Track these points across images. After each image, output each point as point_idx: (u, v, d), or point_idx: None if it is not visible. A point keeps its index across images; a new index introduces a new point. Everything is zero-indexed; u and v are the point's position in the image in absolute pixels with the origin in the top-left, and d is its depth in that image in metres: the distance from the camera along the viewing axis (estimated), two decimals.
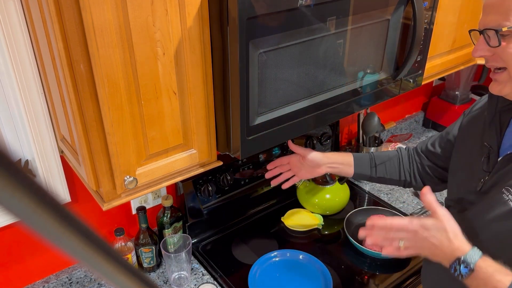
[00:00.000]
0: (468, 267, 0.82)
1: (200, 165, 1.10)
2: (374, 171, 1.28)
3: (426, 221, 0.88)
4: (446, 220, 0.87)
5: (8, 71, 1.03)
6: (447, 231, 0.86)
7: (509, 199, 0.87)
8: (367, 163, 1.28)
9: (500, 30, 0.81)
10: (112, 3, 0.79)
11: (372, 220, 0.97)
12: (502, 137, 0.93)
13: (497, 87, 0.87)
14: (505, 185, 0.88)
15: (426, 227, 0.88)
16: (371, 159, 1.29)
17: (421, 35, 1.21)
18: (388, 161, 1.28)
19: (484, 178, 0.94)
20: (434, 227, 0.87)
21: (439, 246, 0.86)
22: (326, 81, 1.11)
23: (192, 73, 0.95)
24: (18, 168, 0.23)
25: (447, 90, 2.23)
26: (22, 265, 1.29)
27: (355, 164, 1.28)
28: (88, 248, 0.29)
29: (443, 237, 0.86)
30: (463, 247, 0.84)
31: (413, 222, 0.89)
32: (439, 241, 0.86)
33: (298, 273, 1.39)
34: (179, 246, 1.38)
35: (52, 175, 1.20)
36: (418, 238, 0.89)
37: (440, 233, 0.86)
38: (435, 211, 0.88)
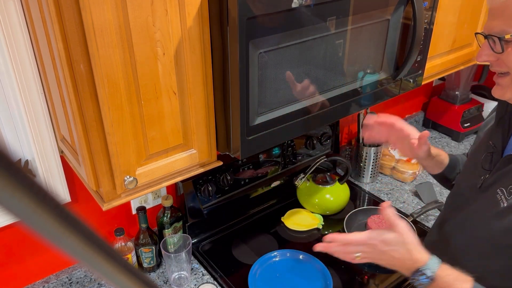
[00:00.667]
0: (429, 277, 0.85)
1: (200, 165, 1.09)
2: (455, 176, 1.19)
3: (386, 236, 0.90)
4: (406, 233, 0.89)
5: (8, 71, 1.03)
6: (406, 243, 0.88)
7: (501, 200, 0.88)
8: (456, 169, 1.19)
9: (503, 37, 0.80)
10: (112, 3, 0.79)
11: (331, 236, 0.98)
12: (509, 137, 0.93)
13: (499, 91, 0.87)
14: (501, 186, 0.89)
15: (386, 242, 0.90)
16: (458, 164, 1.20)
17: (421, 35, 1.21)
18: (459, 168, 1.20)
19: (485, 176, 0.94)
20: (395, 241, 0.89)
21: (400, 258, 0.89)
22: (326, 81, 1.11)
23: (192, 73, 0.95)
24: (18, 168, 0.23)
25: (447, 90, 2.23)
26: (22, 265, 1.29)
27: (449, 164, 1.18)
28: (88, 248, 0.29)
29: (403, 250, 0.88)
30: (422, 258, 0.87)
31: (372, 237, 0.91)
32: (400, 254, 0.88)
33: (298, 273, 1.39)
34: (179, 246, 1.38)
35: (52, 175, 1.20)
36: (376, 252, 0.91)
37: (400, 246, 0.89)
38: (395, 225, 0.90)
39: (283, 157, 1.67)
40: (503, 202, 0.87)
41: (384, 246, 0.90)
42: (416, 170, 1.88)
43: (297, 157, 1.72)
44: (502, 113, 0.96)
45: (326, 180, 1.67)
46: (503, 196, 0.87)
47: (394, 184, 1.88)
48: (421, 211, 1.62)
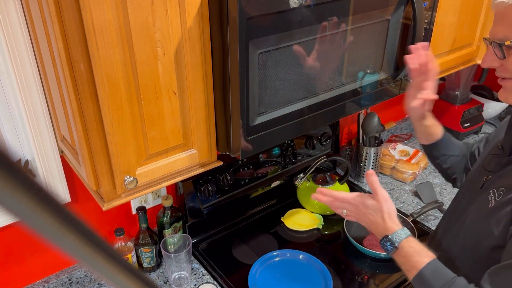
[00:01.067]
0: (393, 245, 0.93)
1: (200, 165, 1.09)
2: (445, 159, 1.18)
3: (367, 200, 1.00)
4: (384, 202, 0.97)
5: (8, 71, 1.03)
6: (382, 212, 0.97)
7: (490, 200, 0.88)
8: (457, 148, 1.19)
9: (503, 44, 0.80)
10: (112, 3, 0.79)
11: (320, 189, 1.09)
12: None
13: (504, 95, 0.87)
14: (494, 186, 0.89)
15: (365, 205, 1.00)
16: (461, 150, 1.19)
17: (421, 35, 1.21)
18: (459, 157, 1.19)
19: (487, 177, 0.94)
20: (372, 207, 0.98)
21: (374, 223, 0.98)
22: (326, 81, 1.11)
23: (192, 73, 0.95)
24: (18, 168, 0.23)
25: (447, 90, 2.23)
26: (22, 265, 1.29)
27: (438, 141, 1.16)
28: (88, 248, 0.29)
29: (378, 216, 0.97)
30: (392, 227, 0.95)
31: (356, 198, 1.02)
32: (375, 219, 0.98)
33: (298, 273, 1.39)
34: (179, 246, 1.38)
35: (52, 175, 1.20)
36: (358, 211, 1.01)
37: (376, 212, 0.98)
38: (376, 192, 0.98)
39: (283, 157, 1.67)
40: (492, 203, 0.87)
41: (364, 208, 1.00)
42: (416, 170, 1.88)
43: (297, 157, 1.72)
44: None
45: (326, 180, 1.67)
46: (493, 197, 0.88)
47: (394, 184, 1.88)
48: (421, 211, 1.62)
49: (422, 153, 1.97)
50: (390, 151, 1.96)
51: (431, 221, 1.64)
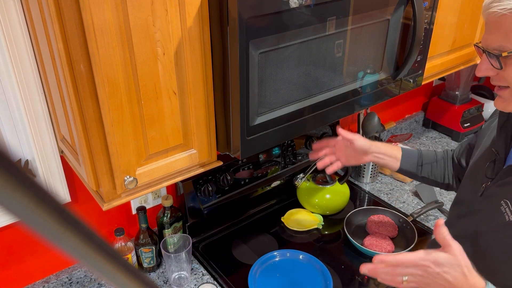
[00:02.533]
0: None
1: (200, 165, 1.09)
2: (420, 170, 1.24)
3: (439, 256, 0.81)
4: (460, 255, 0.81)
5: (8, 71, 1.03)
6: (462, 266, 0.80)
7: (506, 212, 0.86)
8: (414, 160, 1.24)
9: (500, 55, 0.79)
10: (112, 3, 0.79)
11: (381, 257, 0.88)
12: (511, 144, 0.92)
13: (501, 104, 0.85)
14: (504, 197, 0.87)
15: (439, 263, 0.81)
16: (419, 157, 1.25)
17: (421, 35, 1.21)
18: (435, 163, 1.24)
19: (487, 184, 0.93)
20: (448, 263, 0.81)
21: (453, 282, 0.81)
22: (326, 81, 1.11)
23: (192, 73, 0.95)
24: (18, 168, 0.23)
25: (447, 90, 2.23)
26: (22, 265, 1.29)
27: (402, 159, 1.23)
28: (88, 248, 0.29)
29: (457, 273, 0.80)
30: (479, 283, 0.80)
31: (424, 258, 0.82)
32: (454, 277, 0.80)
33: (298, 273, 1.39)
34: (179, 246, 1.38)
35: (52, 175, 1.20)
36: (428, 274, 0.82)
37: (454, 269, 0.80)
38: (449, 245, 0.82)
39: (283, 157, 1.67)
40: (509, 216, 0.86)
41: (437, 268, 0.81)
42: None
43: (297, 157, 1.72)
44: (504, 120, 0.94)
45: (326, 180, 1.67)
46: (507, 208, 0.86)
47: (394, 184, 1.88)
48: (421, 211, 1.62)
49: None
50: None
51: (431, 221, 1.64)
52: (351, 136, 1.23)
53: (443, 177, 1.24)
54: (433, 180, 1.25)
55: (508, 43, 0.77)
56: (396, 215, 1.58)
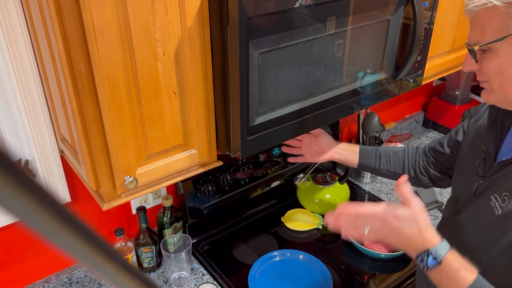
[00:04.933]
0: (437, 259, 0.81)
1: (200, 165, 1.09)
2: (378, 162, 1.29)
3: (399, 211, 0.86)
4: (419, 211, 0.86)
5: (8, 71, 1.03)
6: (419, 222, 0.84)
7: (495, 207, 0.87)
8: (372, 154, 1.31)
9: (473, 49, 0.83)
10: (112, 3, 0.79)
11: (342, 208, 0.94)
12: (502, 141, 0.93)
13: (485, 95, 0.88)
14: (494, 192, 0.88)
15: (397, 217, 0.85)
16: (376, 150, 1.31)
17: (421, 35, 1.21)
18: (393, 155, 1.30)
19: (479, 182, 0.94)
20: (406, 217, 0.85)
21: (409, 236, 0.84)
22: (326, 81, 1.11)
23: (192, 73, 0.95)
24: (18, 168, 0.23)
25: (447, 90, 2.23)
26: (22, 265, 1.29)
27: (360, 154, 1.31)
28: (88, 248, 0.29)
29: (414, 227, 0.84)
30: (433, 239, 0.83)
31: (385, 210, 0.87)
32: (410, 231, 0.84)
33: (298, 273, 1.39)
34: (179, 246, 1.38)
35: (52, 175, 1.20)
36: (386, 226, 0.86)
37: (411, 223, 0.84)
38: (409, 201, 0.87)
39: (283, 157, 1.67)
40: (498, 210, 0.86)
41: (395, 221, 0.85)
42: None
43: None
44: (494, 117, 0.95)
45: (326, 180, 1.67)
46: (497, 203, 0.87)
47: (394, 184, 1.88)
48: None
49: None
50: None
51: (431, 221, 1.64)
52: (316, 131, 1.33)
53: (402, 168, 1.29)
54: (394, 172, 1.30)
55: (481, 37, 0.80)
56: None
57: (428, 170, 1.25)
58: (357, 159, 1.31)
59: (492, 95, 0.86)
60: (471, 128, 1.07)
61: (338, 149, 1.32)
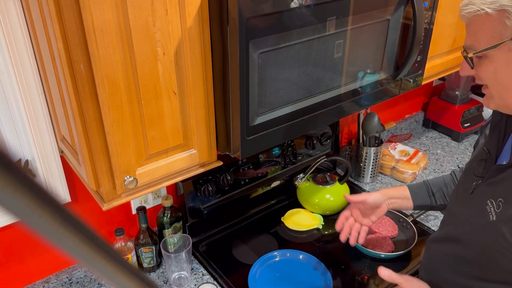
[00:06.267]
0: None
1: (200, 165, 1.10)
2: (434, 199, 1.25)
3: None
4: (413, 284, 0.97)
5: (8, 71, 1.03)
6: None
7: (490, 212, 0.87)
8: (424, 193, 1.26)
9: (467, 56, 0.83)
10: (112, 3, 0.79)
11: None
12: (504, 144, 0.92)
13: (485, 101, 0.88)
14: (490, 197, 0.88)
15: None
16: (427, 188, 1.26)
17: (421, 35, 1.21)
18: (445, 187, 1.25)
19: (477, 182, 0.94)
20: None
21: None
22: (326, 81, 1.11)
23: (192, 73, 0.95)
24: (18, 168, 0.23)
25: (447, 90, 2.23)
26: (22, 265, 1.29)
27: (412, 197, 1.25)
28: (88, 248, 0.29)
29: None
30: None
31: None
32: None
33: (298, 273, 1.39)
34: (179, 246, 1.38)
35: (52, 175, 1.20)
36: None
37: None
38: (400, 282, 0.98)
39: (283, 157, 1.67)
40: (492, 215, 0.87)
41: None
42: (416, 170, 1.88)
43: (297, 157, 1.72)
44: (498, 120, 0.95)
45: (326, 180, 1.67)
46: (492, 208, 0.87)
47: (394, 184, 1.88)
48: (421, 211, 1.62)
49: (422, 153, 1.97)
50: (390, 151, 1.96)
51: (431, 221, 1.64)
52: (360, 198, 1.25)
53: None
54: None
55: (475, 43, 0.80)
56: (396, 215, 1.58)
57: None
58: (411, 204, 1.25)
59: (491, 101, 0.86)
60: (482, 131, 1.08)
61: (389, 200, 1.25)
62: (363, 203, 1.25)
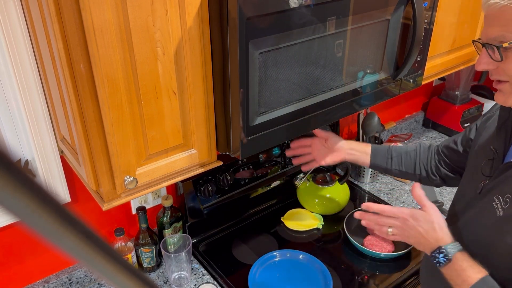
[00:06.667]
0: (447, 257, 0.90)
1: (200, 165, 1.10)
2: (390, 162, 1.29)
3: (416, 212, 0.98)
4: (434, 213, 0.97)
5: (8, 71, 1.03)
6: (433, 222, 0.95)
7: (497, 208, 0.87)
8: (384, 154, 1.30)
9: (501, 46, 0.78)
10: (112, 3, 0.79)
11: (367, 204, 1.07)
12: (511, 143, 0.92)
13: (501, 98, 0.85)
14: (497, 193, 0.88)
15: (415, 217, 0.98)
16: (388, 150, 1.30)
17: (421, 35, 1.21)
18: (405, 154, 1.29)
19: (485, 181, 0.94)
20: (423, 218, 0.97)
21: (425, 234, 0.95)
22: (326, 81, 1.11)
23: (192, 73, 0.95)
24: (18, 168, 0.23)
25: (447, 90, 2.23)
26: (22, 265, 1.29)
27: (372, 154, 1.30)
28: (88, 248, 0.29)
29: (429, 227, 0.95)
30: (445, 239, 0.93)
31: (404, 211, 1.00)
32: (425, 230, 0.96)
33: (298, 273, 1.39)
34: (179, 246, 1.38)
35: (52, 175, 1.20)
36: (406, 226, 0.99)
37: (427, 224, 0.96)
38: (424, 205, 0.99)
39: (283, 157, 1.67)
40: (499, 211, 0.86)
41: (413, 221, 0.97)
42: None
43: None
44: (505, 118, 0.93)
45: (326, 180, 1.67)
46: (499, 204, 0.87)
47: (394, 184, 1.88)
48: None
49: None
50: None
51: None
52: (324, 133, 1.33)
53: (414, 168, 1.28)
54: (405, 172, 1.30)
55: (509, 33, 0.77)
56: None
57: (440, 169, 1.25)
58: (368, 159, 1.30)
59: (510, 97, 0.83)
60: (482, 126, 1.07)
61: (349, 149, 1.31)
62: (325, 140, 1.34)
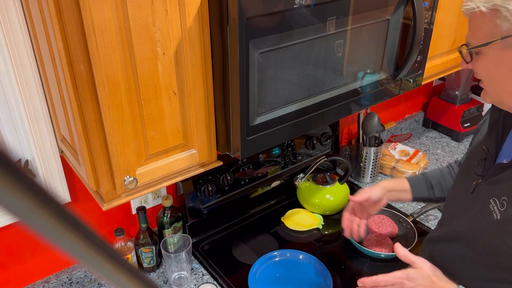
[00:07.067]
0: None
1: (200, 165, 1.09)
2: (432, 192, 1.25)
3: (409, 272, 0.95)
4: (426, 266, 0.94)
5: (8, 71, 1.03)
6: (430, 276, 0.93)
7: (494, 211, 0.87)
8: (423, 185, 1.26)
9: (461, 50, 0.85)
10: (112, 3, 0.79)
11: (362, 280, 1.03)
12: (503, 142, 0.92)
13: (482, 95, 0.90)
14: (493, 195, 0.88)
15: (410, 277, 0.94)
16: (426, 180, 1.26)
17: (421, 35, 1.21)
18: (443, 179, 1.25)
19: (477, 181, 0.94)
20: (418, 275, 0.94)
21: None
22: (326, 81, 1.11)
23: (192, 73, 0.95)
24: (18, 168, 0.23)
25: (447, 90, 2.23)
26: (22, 265, 1.29)
27: (412, 189, 1.26)
28: (88, 248, 0.29)
29: (428, 282, 0.93)
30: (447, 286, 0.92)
31: (397, 275, 0.96)
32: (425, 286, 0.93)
33: (298, 273, 1.39)
34: (179, 246, 1.38)
35: (52, 175, 1.20)
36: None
37: (424, 279, 0.93)
38: (413, 261, 0.96)
39: (283, 157, 1.67)
40: (496, 214, 0.87)
41: (410, 282, 0.94)
42: (416, 170, 1.88)
43: (297, 157, 1.72)
44: (496, 118, 0.95)
45: (326, 180, 1.67)
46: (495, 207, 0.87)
47: None
48: (421, 211, 1.62)
49: (422, 153, 1.97)
50: (390, 151, 1.96)
51: (431, 221, 1.64)
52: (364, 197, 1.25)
53: None
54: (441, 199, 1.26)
55: (473, 39, 0.82)
56: (396, 215, 1.58)
57: None
58: (410, 195, 1.26)
59: (487, 96, 0.88)
60: (480, 127, 1.08)
61: (388, 194, 1.26)
62: (368, 201, 1.26)
